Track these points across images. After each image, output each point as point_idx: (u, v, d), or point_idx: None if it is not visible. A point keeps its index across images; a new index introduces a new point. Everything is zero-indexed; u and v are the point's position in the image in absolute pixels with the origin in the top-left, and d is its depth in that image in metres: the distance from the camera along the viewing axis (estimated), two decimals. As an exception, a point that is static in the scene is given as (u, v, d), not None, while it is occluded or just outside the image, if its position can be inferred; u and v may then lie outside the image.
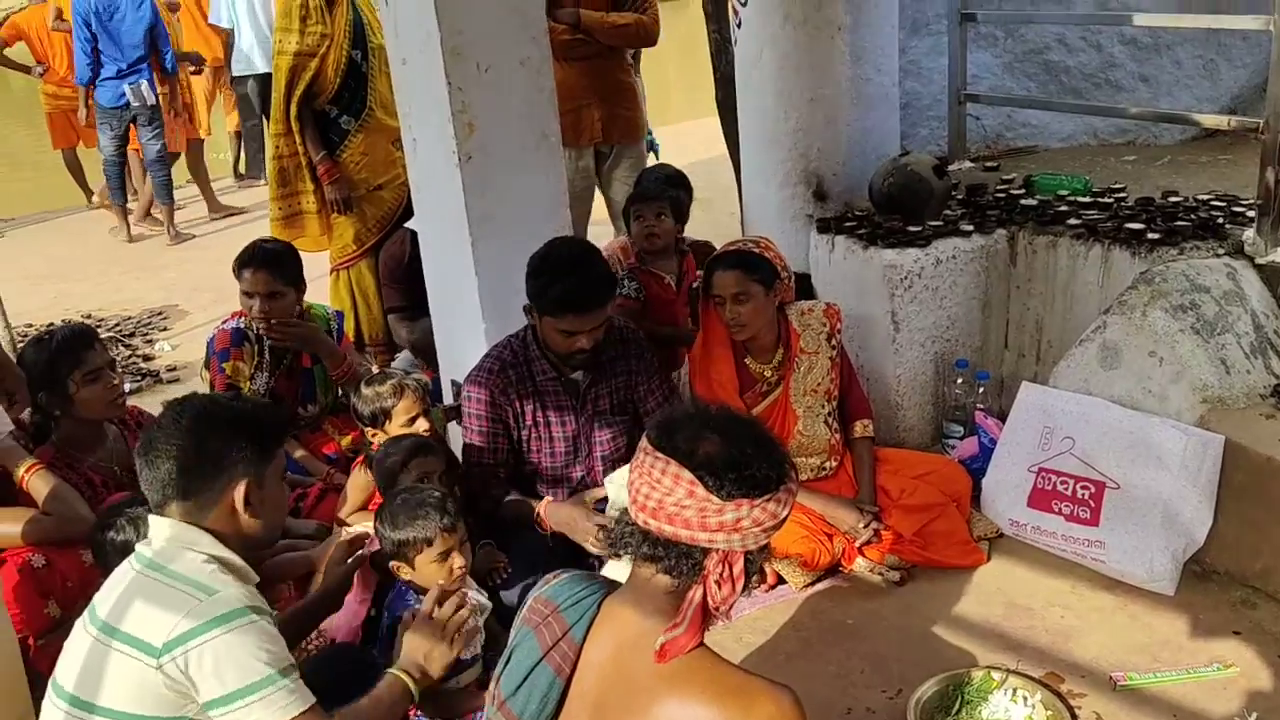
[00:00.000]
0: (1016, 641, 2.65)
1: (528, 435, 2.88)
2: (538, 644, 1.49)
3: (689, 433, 1.46)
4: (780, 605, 2.88)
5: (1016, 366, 3.72)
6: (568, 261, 2.66)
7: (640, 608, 1.46)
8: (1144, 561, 2.80)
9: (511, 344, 2.86)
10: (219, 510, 1.81)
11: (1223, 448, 2.79)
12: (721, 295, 2.98)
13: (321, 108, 4.22)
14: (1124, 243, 3.30)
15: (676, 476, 1.41)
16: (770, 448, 1.48)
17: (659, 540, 1.45)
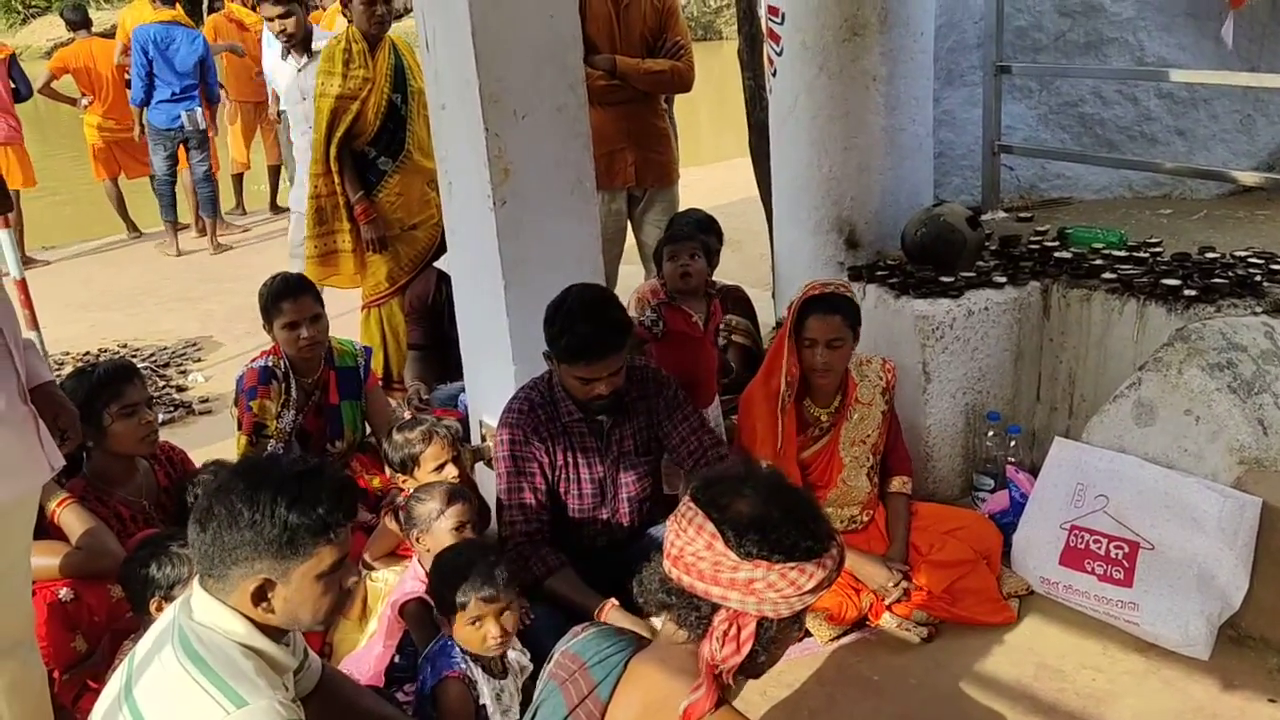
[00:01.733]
0: (1046, 704, 2.60)
1: (557, 478, 2.86)
2: (564, 700, 1.49)
3: (728, 489, 1.46)
4: (806, 659, 2.84)
5: (1049, 420, 3.68)
6: (582, 308, 2.65)
7: (666, 667, 1.45)
8: (1178, 625, 2.74)
9: (538, 385, 2.86)
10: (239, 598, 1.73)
11: (1260, 510, 2.74)
12: (816, 339, 2.98)
13: (360, 149, 4.29)
14: (1160, 298, 3.27)
15: (700, 527, 1.42)
16: (808, 518, 1.48)
17: (673, 589, 1.46)
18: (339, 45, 4.24)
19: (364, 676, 2.53)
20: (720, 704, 1.46)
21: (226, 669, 1.68)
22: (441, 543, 2.56)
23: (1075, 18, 4.38)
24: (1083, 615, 2.92)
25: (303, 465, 1.82)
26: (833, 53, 3.74)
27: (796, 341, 3.02)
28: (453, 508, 2.60)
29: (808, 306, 3.00)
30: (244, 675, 1.68)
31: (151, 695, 1.68)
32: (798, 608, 1.48)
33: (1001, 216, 4.28)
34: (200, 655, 1.69)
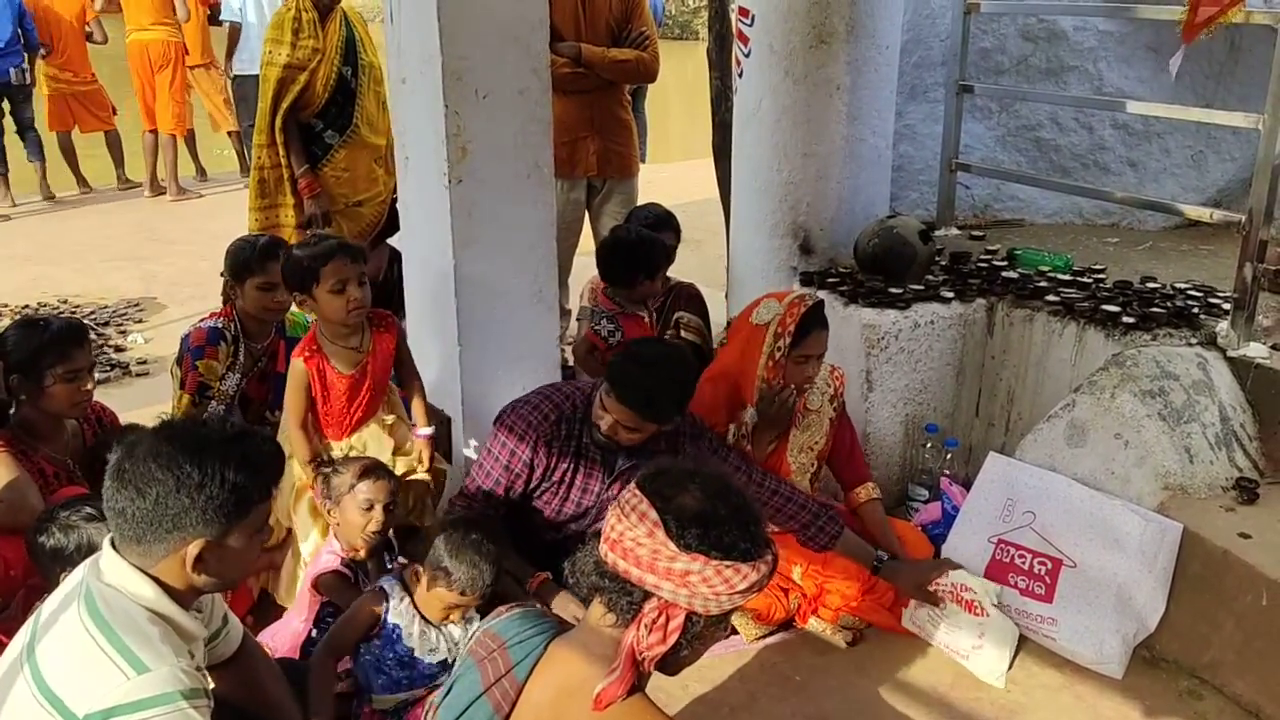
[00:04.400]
0: (962, 713, 2.64)
1: (547, 488, 2.75)
2: (480, 678, 1.48)
3: (675, 482, 1.48)
4: (730, 656, 2.86)
5: (986, 435, 3.73)
6: (661, 363, 2.54)
7: (586, 651, 1.45)
8: (1094, 642, 2.80)
9: (575, 397, 2.72)
10: (168, 563, 1.71)
11: (1180, 536, 2.80)
12: (811, 354, 2.97)
13: (307, 121, 4.23)
14: (1099, 323, 3.34)
15: (643, 515, 1.43)
16: (749, 520, 1.48)
17: (607, 572, 1.46)
18: (288, 13, 4.15)
19: (281, 649, 2.50)
20: (633, 691, 1.45)
21: (131, 634, 1.66)
22: (349, 519, 2.53)
23: (1038, 43, 4.44)
24: (1003, 628, 2.97)
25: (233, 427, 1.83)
26: (799, 58, 3.76)
27: (787, 357, 2.94)
28: (364, 483, 2.53)
29: (809, 322, 2.94)
30: (148, 641, 1.66)
31: (53, 655, 1.65)
32: (727, 607, 1.48)
33: (954, 233, 4.34)
34: (105, 618, 1.66)
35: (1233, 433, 3.06)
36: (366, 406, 2.92)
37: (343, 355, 2.84)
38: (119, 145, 8.57)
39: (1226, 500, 2.90)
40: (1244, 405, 3.12)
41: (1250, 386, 3.12)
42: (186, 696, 1.63)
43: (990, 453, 3.30)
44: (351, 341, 2.85)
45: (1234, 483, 2.95)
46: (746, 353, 2.99)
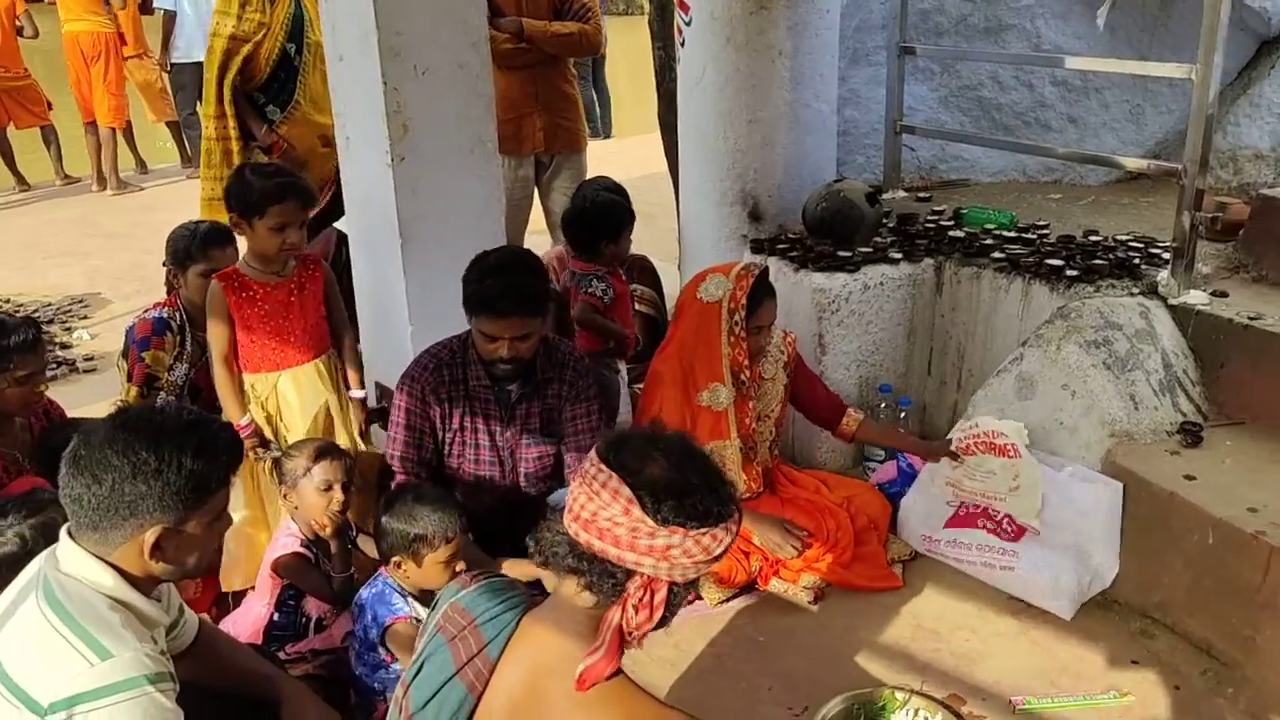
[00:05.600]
0: (922, 663, 2.69)
1: (452, 438, 2.83)
2: (451, 658, 1.44)
3: (638, 450, 1.43)
4: (695, 621, 2.89)
5: (939, 393, 3.79)
6: (500, 264, 2.63)
7: (560, 628, 1.42)
8: (1050, 576, 2.88)
9: (450, 344, 2.82)
10: (126, 550, 1.69)
11: (1122, 496, 2.88)
12: (764, 324, 3.00)
13: (250, 93, 4.20)
14: (1044, 278, 3.39)
15: (615, 492, 1.38)
16: (717, 483, 1.46)
17: (585, 554, 1.41)
18: None
19: (243, 637, 2.48)
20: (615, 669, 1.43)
21: (92, 621, 1.64)
22: (308, 501, 2.51)
23: (976, 3, 4.48)
24: (961, 579, 3.03)
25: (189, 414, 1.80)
26: (740, 24, 3.76)
27: (746, 330, 2.97)
28: (319, 465, 2.53)
29: (757, 294, 2.98)
30: (110, 628, 1.64)
31: (13, 647, 1.62)
32: (704, 572, 1.48)
33: (901, 196, 4.38)
34: (65, 607, 1.64)
35: (1175, 379, 3.13)
36: (297, 342, 2.92)
37: (264, 278, 2.89)
38: (56, 140, 8.39)
39: (1172, 444, 2.97)
40: (1186, 351, 3.18)
41: (1191, 333, 3.19)
42: (152, 681, 1.62)
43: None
44: (272, 267, 2.88)
45: (1178, 427, 3.02)
46: (701, 331, 3.01)
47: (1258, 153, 4.42)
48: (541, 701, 1.37)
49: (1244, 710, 2.45)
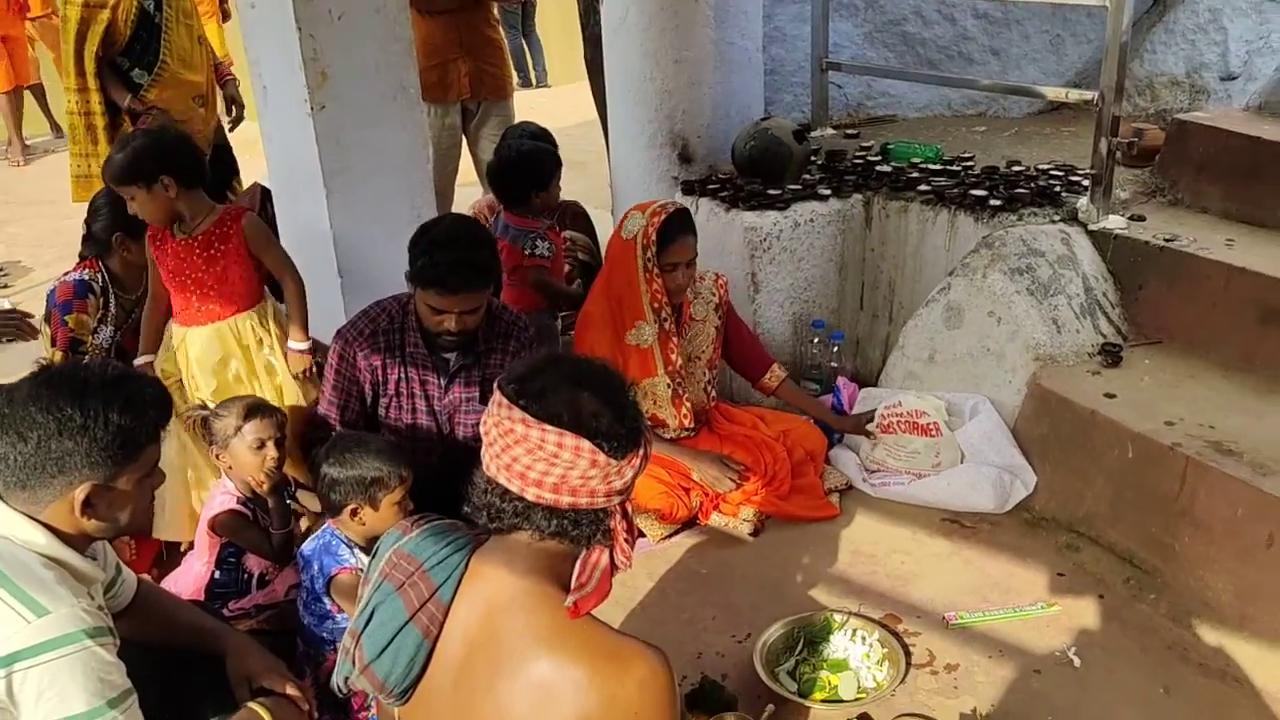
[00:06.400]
0: (860, 587, 2.76)
1: (387, 403, 2.78)
2: (403, 605, 1.43)
3: (564, 395, 1.38)
4: (639, 557, 2.92)
5: (871, 327, 3.85)
6: (449, 237, 2.56)
7: (512, 567, 1.42)
8: (972, 478, 3.02)
9: (390, 307, 2.74)
10: (56, 508, 1.68)
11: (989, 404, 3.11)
12: (678, 261, 2.97)
13: (113, 60, 4.04)
14: (969, 209, 3.45)
15: (576, 449, 1.35)
16: (626, 388, 1.47)
17: (565, 514, 1.39)
18: None
19: (184, 596, 2.46)
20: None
21: (26, 579, 1.62)
22: (242, 461, 2.49)
23: (898, -63, 4.49)
24: (896, 506, 3.11)
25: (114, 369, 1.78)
26: (662, -37, 3.74)
27: (659, 267, 2.98)
28: (250, 423, 2.50)
29: (669, 230, 2.97)
30: (44, 585, 1.63)
31: None
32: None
33: (830, 133, 4.41)
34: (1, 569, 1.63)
35: (1096, 302, 3.22)
36: (217, 297, 2.90)
37: (178, 234, 2.89)
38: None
39: (1093, 365, 3.07)
40: (1105, 275, 3.27)
41: (1110, 257, 3.27)
42: (91, 635, 1.62)
43: (860, 390, 3.50)
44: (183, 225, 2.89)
45: (1099, 348, 3.11)
46: (622, 268, 3.02)
47: (1173, 79, 4.52)
48: (499, 639, 1.38)
49: (1164, 614, 2.56)
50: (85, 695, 1.59)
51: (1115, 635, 2.51)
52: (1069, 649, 2.46)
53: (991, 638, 2.53)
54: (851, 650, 2.45)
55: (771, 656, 2.43)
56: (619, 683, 1.32)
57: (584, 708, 1.31)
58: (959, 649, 2.49)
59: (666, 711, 1.35)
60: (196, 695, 1.98)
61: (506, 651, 1.37)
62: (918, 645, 2.51)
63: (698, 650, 2.53)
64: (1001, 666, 2.42)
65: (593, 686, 1.31)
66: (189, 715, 1.89)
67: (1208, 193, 3.41)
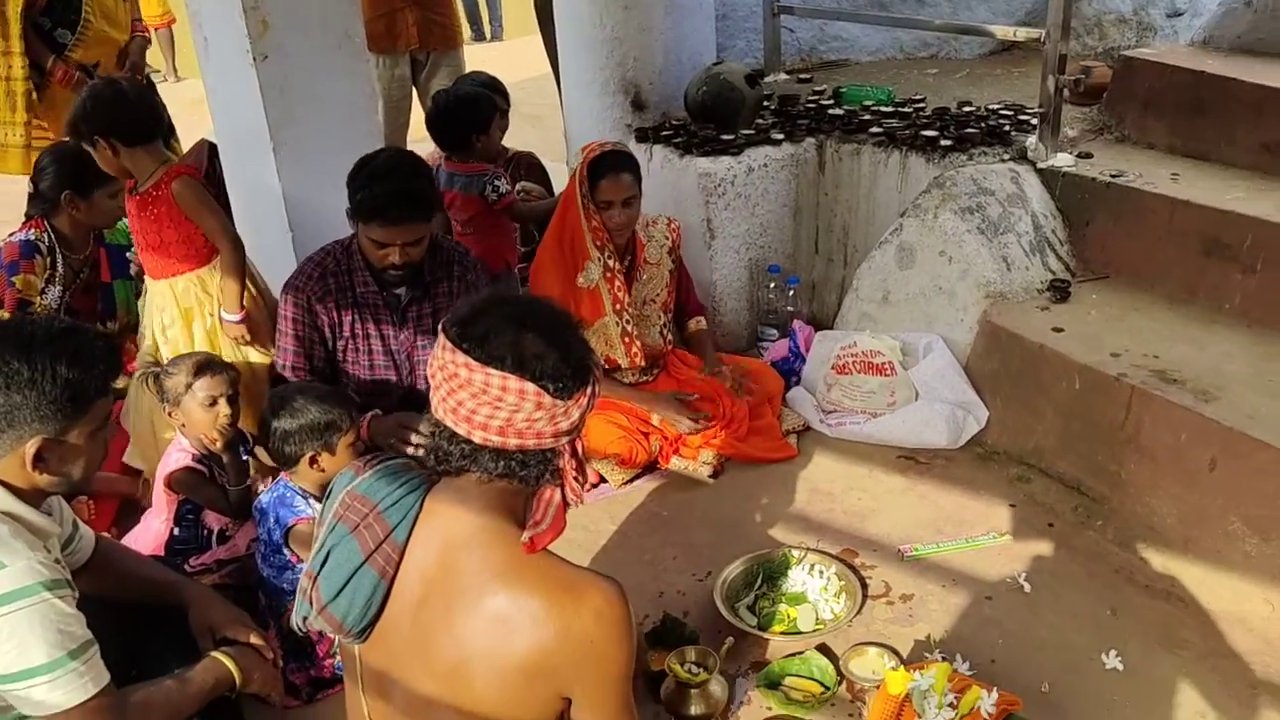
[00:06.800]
0: (818, 524, 2.82)
1: (344, 346, 2.80)
2: (359, 546, 1.43)
3: (508, 338, 1.37)
4: (600, 502, 2.96)
5: (826, 271, 3.88)
6: (388, 168, 2.56)
7: (467, 505, 1.42)
8: (926, 415, 3.07)
9: (334, 251, 2.75)
10: (8, 463, 1.68)
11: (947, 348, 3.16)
12: (612, 199, 2.98)
13: (35, 20, 3.94)
14: (920, 149, 3.47)
15: (521, 392, 1.34)
16: (575, 328, 1.46)
17: (512, 455, 1.39)
18: None
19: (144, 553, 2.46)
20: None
21: None
22: (195, 418, 2.48)
23: (848, -123, 4.46)
24: (853, 445, 3.16)
25: (61, 323, 1.77)
26: (610, -95, 3.69)
27: (594, 206, 3.01)
28: (201, 380, 2.49)
29: (597, 169, 2.99)
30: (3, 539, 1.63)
31: None
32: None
33: (783, 78, 4.40)
34: None
35: (1045, 239, 3.26)
36: (159, 254, 2.89)
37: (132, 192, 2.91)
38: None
39: (1042, 301, 3.12)
40: (1054, 213, 3.32)
41: (1059, 194, 3.32)
42: (49, 587, 1.62)
43: (816, 333, 3.53)
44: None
45: (1048, 284, 3.16)
46: (569, 208, 3.05)
47: (1120, 17, 4.56)
48: (456, 576, 1.39)
49: (1111, 539, 2.64)
50: (45, 647, 1.59)
51: (1064, 561, 2.58)
52: (1019, 576, 2.52)
53: (945, 568, 2.59)
54: (809, 584, 2.50)
55: (731, 593, 2.48)
56: (575, 613, 1.34)
57: (541, 639, 1.33)
58: (914, 580, 2.55)
59: (622, 641, 1.37)
60: (160, 648, 2.00)
61: (463, 587, 1.38)
62: (874, 577, 2.56)
63: (659, 590, 2.57)
64: (955, 595, 2.49)
65: (549, 618, 1.33)
66: (153, 668, 1.89)
67: (1153, 128, 3.45)
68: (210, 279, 2.91)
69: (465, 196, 3.68)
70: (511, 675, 1.34)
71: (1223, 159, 3.25)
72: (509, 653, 1.33)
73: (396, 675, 1.44)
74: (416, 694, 1.41)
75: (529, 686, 1.35)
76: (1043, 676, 2.21)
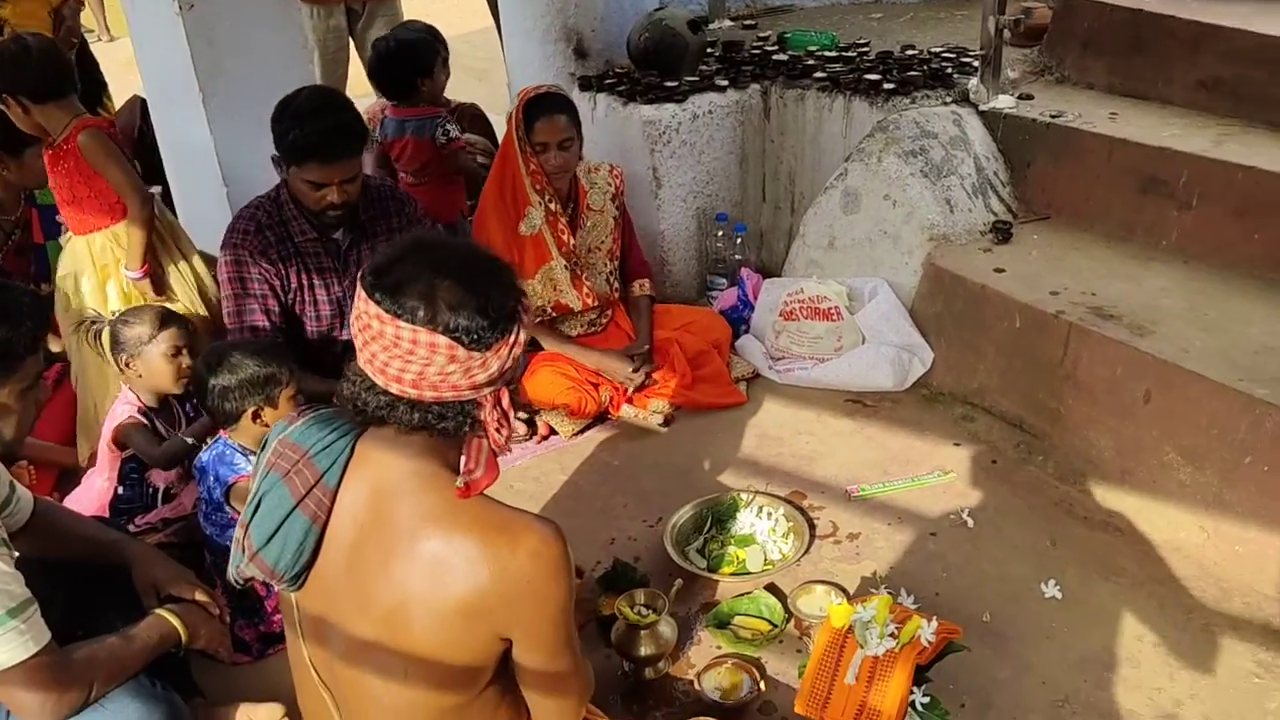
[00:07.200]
0: (767, 467, 2.84)
1: (292, 300, 2.76)
2: (289, 492, 1.42)
3: (421, 287, 1.32)
4: (551, 454, 2.97)
5: (774, 218, 3.88)
6: (312, 106, 2.52)
7: (400, 451, 1.41)
8: (872, 357, 3.11)
9: (264, 204, 2.69)
10: None
11: (892, 292, 3.18)
12: (547, 141, 2.95)
13: None
14: (863, 93, 3.47)
15: (432, 345, 1.31)
16: (500, 272, 1.41)
17: (429, 407, 1.37)
18: None
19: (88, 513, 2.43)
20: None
21: None
22: (156, 368, 2.46)
23: None
24: (800, 390, 3.18)
25: None
26: None
27: (531, 148, 2.99)
28: (166, 331, 2.48)
29: (531, 111, 2.97)
30: None
31: None
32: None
33: (727, 25, 4.37)
34: None
35: (987, 181, 3.29)
36: (73, 209, 2.84)
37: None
38: None
39: (984, 243, 3.14)
40: (996, 155, 3.33)
41: (1000, 136, 3.33)
42: None
43: (764, 280, 3.52)
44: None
45: (990, 226, 3.19)
46: (508, 154, 3.02)
47: (1061, -41, 4.55)
48: (390, 520, 1.38)
49: (1051, 474, 2.69)
50: None
51: (1006, 496, 2.63)
52: (963, 511, 2.57)
53: (891, 507, 2.63)
54: (758, 526, 2.53)
55: (681, 537, 2.50)
56: (511, 553, 1.34)
57: (477, 580, 1.33)
58: (861, 519, 2.59)
59: (560, 581, 1.37)
60: (105, 607, 1.97)
61: (397, 532, 1.37)
62: (822, 518, 2.60)
63: (611, 536, 2.59)
64: (900, 532, 2.53)
65: (484, 559, 1.33)
66: (98, 627, 1.87)
67: (1093, 68, 3.48)
68: (122, 236, 2.86)
69: (418, 142, 3.63)
70: (449, 617, 1.34)
71: (1160, 97, 3.29)
72: (446, 595, 1.33)
73: (334, 621, 1.43)
74: (355, 638, 1.41)
75: (467, 628, 1.35)
76: (984, 607, 2.26)
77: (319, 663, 1.49)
